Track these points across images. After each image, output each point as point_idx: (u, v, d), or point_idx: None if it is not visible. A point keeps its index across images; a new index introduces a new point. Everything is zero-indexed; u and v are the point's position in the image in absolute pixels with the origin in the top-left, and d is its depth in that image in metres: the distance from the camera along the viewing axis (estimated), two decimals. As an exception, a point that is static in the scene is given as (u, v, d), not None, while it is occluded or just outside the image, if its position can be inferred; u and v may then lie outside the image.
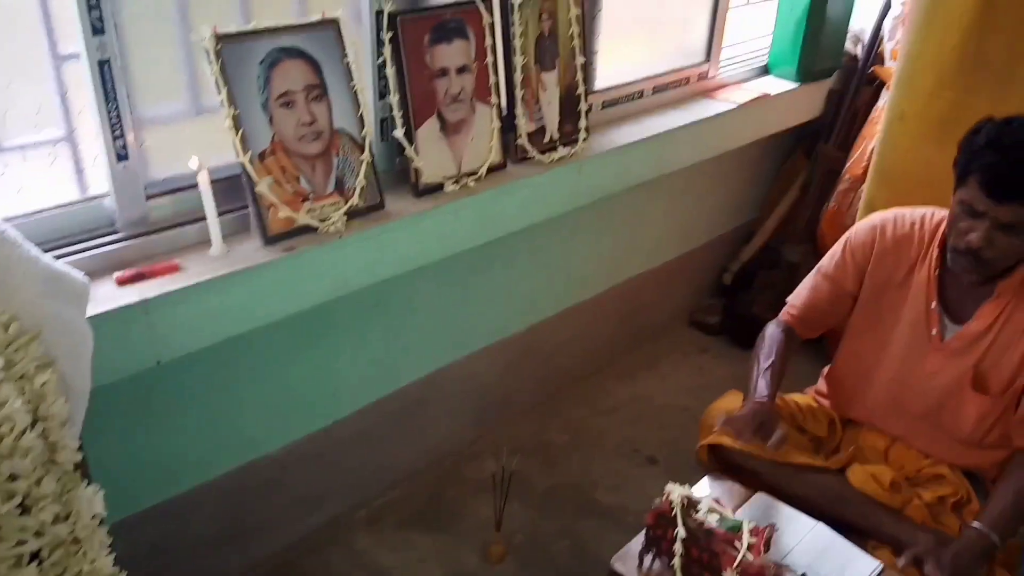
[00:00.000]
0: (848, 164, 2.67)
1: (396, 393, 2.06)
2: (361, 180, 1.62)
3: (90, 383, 1.10)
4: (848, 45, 2.76)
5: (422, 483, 2.18)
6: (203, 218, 1.46)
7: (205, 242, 1.49)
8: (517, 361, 2.38)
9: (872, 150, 2.39)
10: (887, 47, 2.62)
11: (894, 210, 1.78)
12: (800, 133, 2.90)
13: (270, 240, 1.51)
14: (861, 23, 2.76)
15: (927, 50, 2.10)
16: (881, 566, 1.52)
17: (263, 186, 1.47)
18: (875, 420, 1.84)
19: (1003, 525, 1.55)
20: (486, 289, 2.18)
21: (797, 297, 1.85)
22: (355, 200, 1.62)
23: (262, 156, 1.48)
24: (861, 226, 1.80)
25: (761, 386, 1.68)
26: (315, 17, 1.53)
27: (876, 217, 1.78)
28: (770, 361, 1.74)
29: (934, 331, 1.68)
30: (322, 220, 1.57)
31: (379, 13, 1.62)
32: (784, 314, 1.87)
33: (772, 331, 1.81)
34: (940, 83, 2.09)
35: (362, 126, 1.62)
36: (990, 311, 1.62)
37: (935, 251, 1.67)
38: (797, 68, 2.62)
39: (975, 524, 1.55)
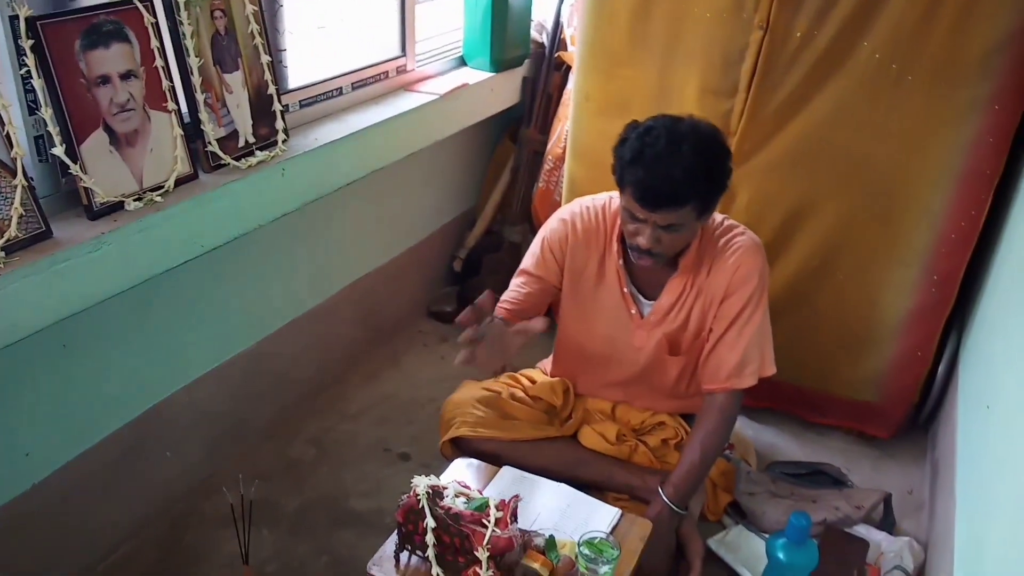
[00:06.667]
0: (549, 145, 2.82)
1: (109, 439, 1.84)
2: (17, 208, 1.41)
3: None
4: (534, 34, 2.92)
5: (156, 531, 1.98)
6: None
7: None
8: (248, 381, 2.23)
9: (567, 131, 2.55)
10: (567, 33, 2.80)
11: (579, 201, 1.89)
12: (504, 120, 3.02)
13: (-99, 290, 1.27)
14: (544, 13, 2.93)
15: (600, 34, 2.26)
16: (620, 513, 1.63)
17: None
18: (597, 393, 1.98)
19: (687, 487, 1.72)
20: (198, 310, 2.01)
21: (508, 296, 1.87)
22: (12, 231, 1.40)
23: None
24: (553, 221, 1.88)
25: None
26: (-74, 22, 1.30)
27: (565, 211, 1.88)
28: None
29: (633, 311, 1.83)
30: (-30, 259, 1.35)
31: (14, 18, 1.41)
32: (500, 311, 1.91)
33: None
34: (615, 63, 2.27)
35: (10, 146, 1.40)
36: (676, 284, 1.79)
37: (615, 243, 1.81)
38: (490, 58, 2.72)
39: (661, 494, 1.72)
